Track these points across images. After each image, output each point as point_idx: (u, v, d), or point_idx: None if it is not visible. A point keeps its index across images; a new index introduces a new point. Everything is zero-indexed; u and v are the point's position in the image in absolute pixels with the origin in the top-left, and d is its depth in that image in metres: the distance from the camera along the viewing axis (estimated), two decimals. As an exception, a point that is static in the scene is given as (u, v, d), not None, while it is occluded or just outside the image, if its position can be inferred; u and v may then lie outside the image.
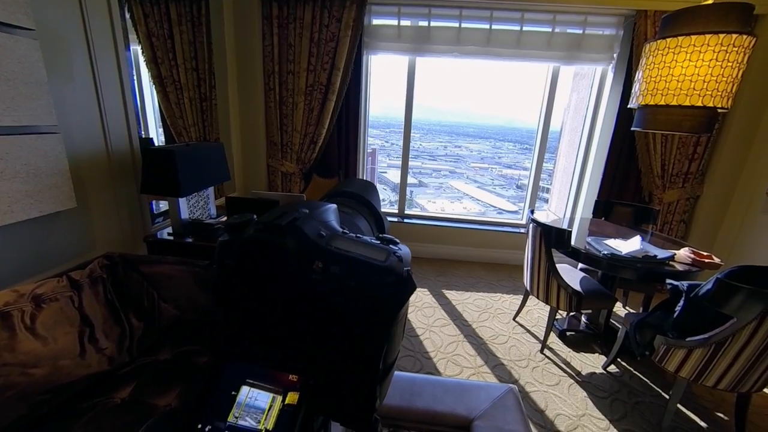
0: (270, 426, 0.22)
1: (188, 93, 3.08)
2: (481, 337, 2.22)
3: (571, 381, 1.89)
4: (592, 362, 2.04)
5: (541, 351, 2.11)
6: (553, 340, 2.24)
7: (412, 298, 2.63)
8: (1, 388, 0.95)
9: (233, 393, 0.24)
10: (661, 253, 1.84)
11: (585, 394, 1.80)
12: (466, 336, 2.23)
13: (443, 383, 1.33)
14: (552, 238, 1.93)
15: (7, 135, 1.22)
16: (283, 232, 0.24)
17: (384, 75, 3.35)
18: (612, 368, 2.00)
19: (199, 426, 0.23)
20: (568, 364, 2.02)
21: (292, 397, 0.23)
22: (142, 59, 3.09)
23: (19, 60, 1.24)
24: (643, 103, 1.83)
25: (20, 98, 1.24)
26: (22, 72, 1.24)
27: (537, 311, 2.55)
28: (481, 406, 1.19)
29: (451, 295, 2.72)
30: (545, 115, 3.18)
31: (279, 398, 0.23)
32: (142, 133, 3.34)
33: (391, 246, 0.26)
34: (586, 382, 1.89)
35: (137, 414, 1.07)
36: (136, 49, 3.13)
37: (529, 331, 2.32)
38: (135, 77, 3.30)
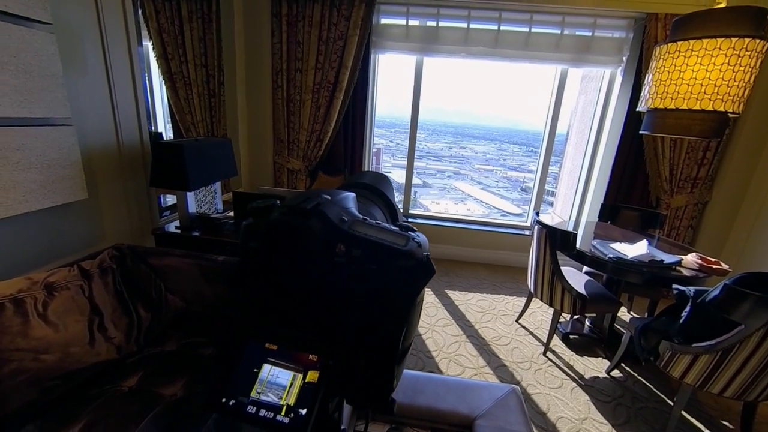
0: (291, 402, 0.23)
1: (197, 89, 3.11)
2: (484, 338, 2.22)
3: (574, 384, 1.88)
4: (595, 366, 2.04)
5: (544, 353, 2.11)
6: (556, 342, 2.23)
7: (416, 297, 2.63)
8: (13, 373, 0.98)
9: (255, 370, 0.24)
10: (668, 258, 1.83)
11: (588, 397, 1.80)
12: (468, 336, 2.23)
13: (446, 382, 1.33)
14: (557, 241, 1.92)
15: (23, 126, 1.25)
16: (308, 216, 0.25)
17: (391, 74, 3.36)
18: (615, 373, 1.99)
19: (224, 400, 0.24)
20: (570, 367, 2.02)
21: (312, 376, 0.24)
22: (152, 55, 3.13)
23: (36, 53, 1.26)
24: (652, 106, 1.82)
25: (36, 91, 1.27)
26: (38, 65, 1.27)
27: (540, 314, 2.55)
28: (484, 406, 1.19)
29: (454, 295, 2.72)
30: (552, 118, 3.17)
31: (300, 376, 0.24)
32: (152, 127, 3.38)
33: (409, 232, 0.27)
34: (589, 385, 1.88)
35: (144, 402, 1.08)
36: (147, 44, 3.17)
37: (532, 333, 2.31)
38: (145, 72, 3.34)
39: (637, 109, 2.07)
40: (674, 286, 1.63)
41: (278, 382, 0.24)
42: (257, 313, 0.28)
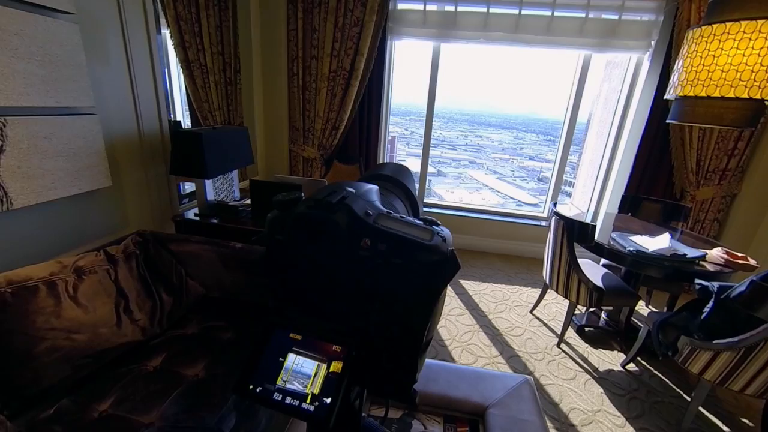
0: (316, 390, 0.24)
1: (214, 77, 3.13)
2: (497, 328, 2.22)
3: (588, 376, 1.87)
4: (610, 359, 2.01)
5: (558, 345, 2.10)
6: (571, 335, 2.21)
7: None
8: (48, 350, 1.04)
9: (281, 359, 0.25)
10: (691, 252, 1.77)
11: (601, 390, 1.79)
12: (482, 326, 2.23)
13: (459, 370, 1.34)
14: (575, 232, 1.89)
15: (50, 116, 1.29)
16: (333, 209, 0.25)
17: (407, 62, 3.30)
18: (631, 367, 1.96)
19: (251, 387, 0.24)
20: (585, 359, 2.00)
21: (336, 366, 0.25)
22: (170, 43, 3.16)
23: (62, 43, 1.29)
24: (681, 94, 1.73)
25: (62, 80, 1.30)
26: (64, 55, 1.30)
27: (555, 305, 2.52)
28: (496, 395, 1.20)
29: (468, 285, 2.72)
30: (573, 106, 3.06)
31: (324, 366, 0.25)
32: (171, 116, 3.44)
33: (434, 226, 0.27)
34: (604, 378, 1.87)
35: (168, 382, 1.14)
36: (165, 33, 3.20)
37: (546, 325, 2.30)
38: (164, 61, 3.38)
39: (665, 97, 1.98)
40: (697, 280, 1.58)
41: (303, 371, 0.25)
42: (283, 303, 0.29)
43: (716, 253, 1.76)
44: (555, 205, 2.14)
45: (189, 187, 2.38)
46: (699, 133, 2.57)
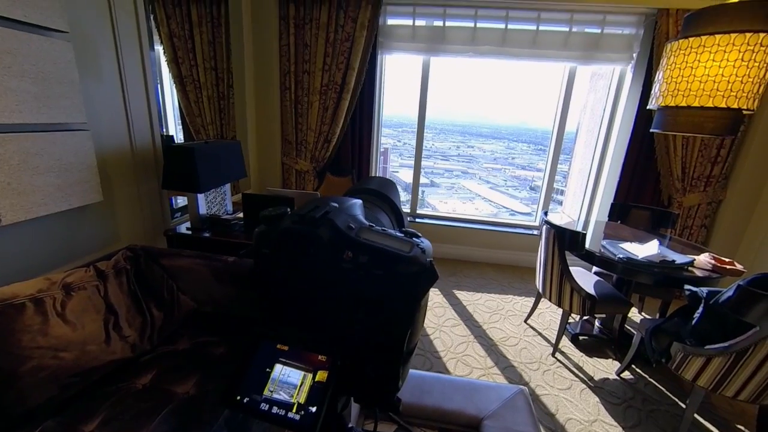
0: (302, 400, 0.24)
1: (207, 92, 3.16)
2: (492, 339, 2.22)
3: (583, 386, 1.87)
4: (605, 368, 2.02)
5: (553, 354, 2.09)
6: (565, 343, 2.21)
7: (423, 297, 2.63)
8: (34, 369, 1.01)
9: (267, 370, 0.26)
10: (679, 258, 1.80)
11: (597, 399, 1.78)
12: (476, 337, 2.22)
13: (453, 382, 1.34)
14: (566, 241, 1.91)
15: (42, 132, 1.29)
16: (317, 224, 0.26)
17: (398, 74, 3.36)
18: (626, 375, 1.97)
19: (238, 398, 0.25)
20: (580, 368, 2.00)
21: (321, 375, 0.25)
22: (163, 59, 3.20)
23: (55, 61, 1.30)
24: (663, 104, 1.79)
25: (55, 97, 1.31)
26: (56, 72, 1.31)
27: (549, 314, 2.53)
28: (491, 407, 1.19)
29: (462, 295, 2.72)
30: (561, 116, 3.14)
31: (310, 376, 0.25)
32: (164, 130, 3.45)
33: (414, 239, 0.28)
34: (599, 387, 1.86)
35: (158, 400, 1.12)
36: (158, 49, 3.24)
37: (540, 334, 2.30)
38: (157, 77, 3.41)
39: (648, 107, 2.04)
40: (686, 286, 1.61)
41: (289, 381, 0.25)
42: (269, 315, 0.30)
43: (704, 259, 1.79)
44: (546, 213, 2.17)
45: (182, 201, 2.37)
46: (683, 141, 2.64)
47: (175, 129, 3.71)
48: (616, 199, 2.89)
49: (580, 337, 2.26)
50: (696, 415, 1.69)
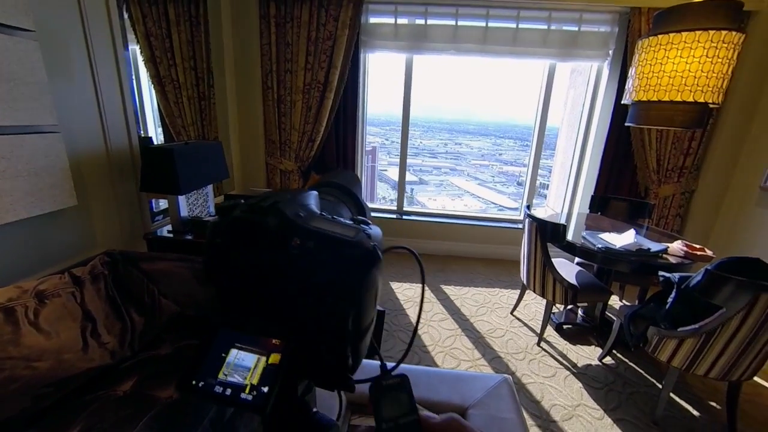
0: (255, 381, 0.25)
1: (187, 92, 3.10)
2: (479, 331, 2.25)
3: (567, 372, 1.92)
4: (588, 354, 2.07)
5: (538, 344, 2.14)
6: (550, 333, 2.26)
7: (410, 293, 2.66)
8: (5, 381, 0.98)
9: (223, 355, 0.26)
10: (654, 246, 1.87)
11: (581, 385, 1.83)
12: (464, 330, 2.26)
13: (439, 374, 1.36)
14: (547, 233, 1.96)
15: (8, 135, 1.25)
16: (264, 213, 0.27)
17: (382, 73, 3.37)
18: (607, 360, 2.03)
19: (194, 382, 0.25)
20: (564, 356, 2.05)
21: (274, 358, 0.26)
22: (140, 59, 3.12)
23: (20, 61, 1.26)
24: (636, 99, 1.85)
25: (21, 99, 1.27)
26: (22, 72, 1.27)
27: (534, 305, 2.58)
28: (476, 396, 1.22)
29: (450, 290, 2.75)
30: (542, 112, 3.20)
31: (263, 359, 0.26)
32: (141, 132, 3.36)
33: (362, 225, 0.29)
34: (582, 373, 1.92)
35: (139, 406, 1.09)
36: (134, 48, 3.16)
37: (526, 325, 2.35)
38: (134, 77, 3.32)
39: (622, 102, 2.10)
40: (660, 273, 1.67)
41: (243, 364, 0.26)
42: (225, 304, 0.30)
43: (677, 246, 1.86)
44: (529, 207, 2.22)
45: (163, 203, 2.33)
46: (657, 134, 2.73)
47: (155, 131, 3.62)
48: (596, 191, 2.98)
49: (564, 326, 2.32)
50: (672, 395, 1.76)
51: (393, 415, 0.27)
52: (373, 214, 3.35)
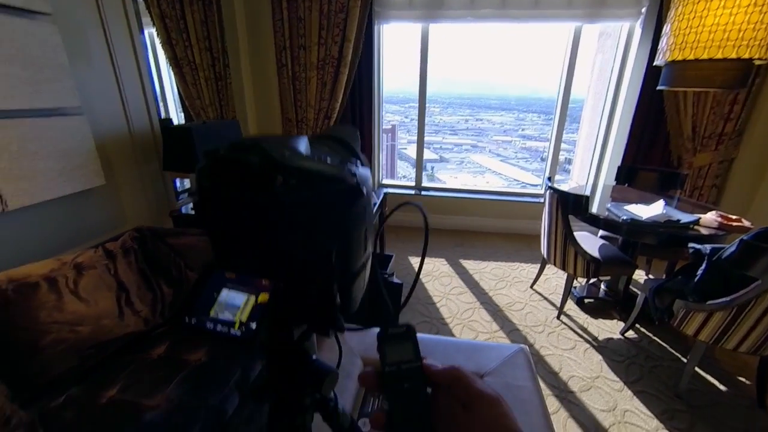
0: (244, 318, 0.26)
1: (203, 73, 3.13)
2: (498, 305, 2.25)
3: (587, 345, 1.90)
4: (609, 328, 2.04)
5: (558, 317, 2.12)
6: (571, 307, 2.23)
7: (428, 267, 2.67)
8: (53, 342, 1.08)
9: (215, 294, 0.28)
10: (685, 218, 1.77)
11: (601, 357, 1.81)
12: (482, 303, 2.26)
13: (455, 343, 1.38)
14: (569, 205, 1.89)
15: (37, 117, 1.31)
16: (247, 150, 0.27)
17: (399, 48, 3.26)
18: (630, 334, 1.99)
19: (186, 319, 0.27)
20: (584, 329, 2.03)
21: (263, 297, 0.27)
22: (157, 42, 3.16)
23: (41, 45, 1.30)
24: (670, 59, 1.70)
25: (46, 82, 1.32)
26: (44, 56, 1.31)
27: (555, 279, 2.54)
28: (491, 364, 1.23)
29: (469, 264, 2.74)
30: (566, 81, 3.01)
31: (253, 297, 0.27)
32: (162, 114, 3.45)
33: (348, 164, 0.29)
34: (603, 346, 1.89)
35: (172, 367, 1.18)
36: (152, 32, 3.19)
37: (546, 299, 2.32)
38: (152, 60, 3.38)
39: (655, 63, 1.95)
40: (690, 244, 1.59)
41: (234, 303, 0.27)
42: (217, 246, 0.31)
43: (711, 217, 1.76)
44: (550, 179, 2.14)
45: (187, 183, 2.41)
46: (693, 98, 2.53)
47: (176, 113, 3.71)
48: (624, 162, 2.82)
49: (586, 300, 2.27)
50: (697, 369, 1.71)
51: (396, 360, 0.28)
52: (390, 190, 3.35)
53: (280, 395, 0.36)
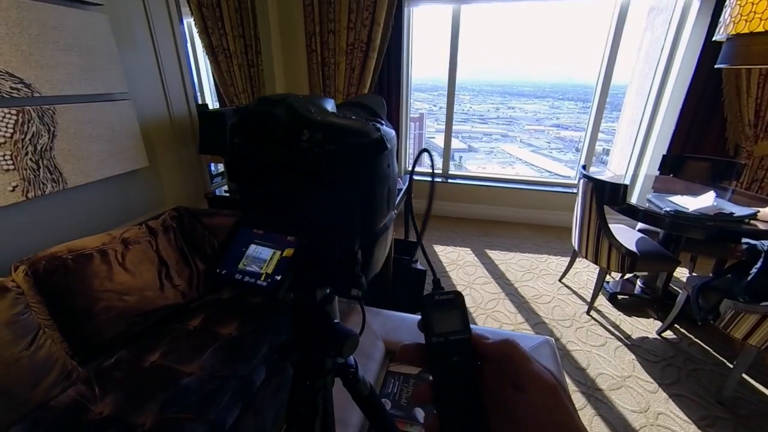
0: (270, 271, 0.27)
1: (237, 60, 3.22)
2: (524, 296, 2.20)
3: (619, 343, 1.82)
4: (644, 327, 1.93)
5: (588, 312, 2.04)
6: (602, 302, 2.14)
7: (453, 255, 2.64)
8: (105, 309, 1.18)
9: (243, 249, 0.29)
10: (739, 211, 1.62)
11: (633, 357, 1.73)
12: (507, 294, 2.22)
13: (478, 331, 1.36)
14: (605, 195, 1.79)
15: (90, 102, 1.41)
16: (274, 104, 0.28)
17: (429, 34, 3.18)
18: (668, 334, 1.88)
19: (218, 270, 0.29)
20: (617, 327, 1.94)
21: (288, 252, 0.28)
22: (195, 31, 3.28)
23: (94, 34, 1.39)
24: (733, 32, 1.54)
25: (98, 69, 1.41)
26: (97, 45, 1.40)
27: (586, 273, 2.44)
28: (514, 354, 1.21)
29: (494, 254, 2.69)
30: (607, 65, 2.81)
31: (278, 252, 0.28)
32: (199, 100, 3.59)
33: (375, 121, 0.29)
34: (636, 345, 1.80)
35: (206, 338, 1.26)
36: (189, 21, 3.31)
37: (575, 293, 2.24)
38: (190, 49, 3.51)
39: (715, 38, 1.77)
40: (744, 240, 1.46)
41: (261, 257, 0.28)
42: (245, 203, 0.33)
43: (770, 211, 1.60)
44: (585, 168, 2.03)
45: (221, 167, 2.52)
46: (759, 78, 2.28)
47: (211, 100, 3.87)
48: (671, 150, 2.62)
49: (619, 296, 2.17)
50: (745, 375, 1.59)
51: (444, 330, 0.25)
52: (416, 177, 3.30)
53: (303, 356, 0.37)
